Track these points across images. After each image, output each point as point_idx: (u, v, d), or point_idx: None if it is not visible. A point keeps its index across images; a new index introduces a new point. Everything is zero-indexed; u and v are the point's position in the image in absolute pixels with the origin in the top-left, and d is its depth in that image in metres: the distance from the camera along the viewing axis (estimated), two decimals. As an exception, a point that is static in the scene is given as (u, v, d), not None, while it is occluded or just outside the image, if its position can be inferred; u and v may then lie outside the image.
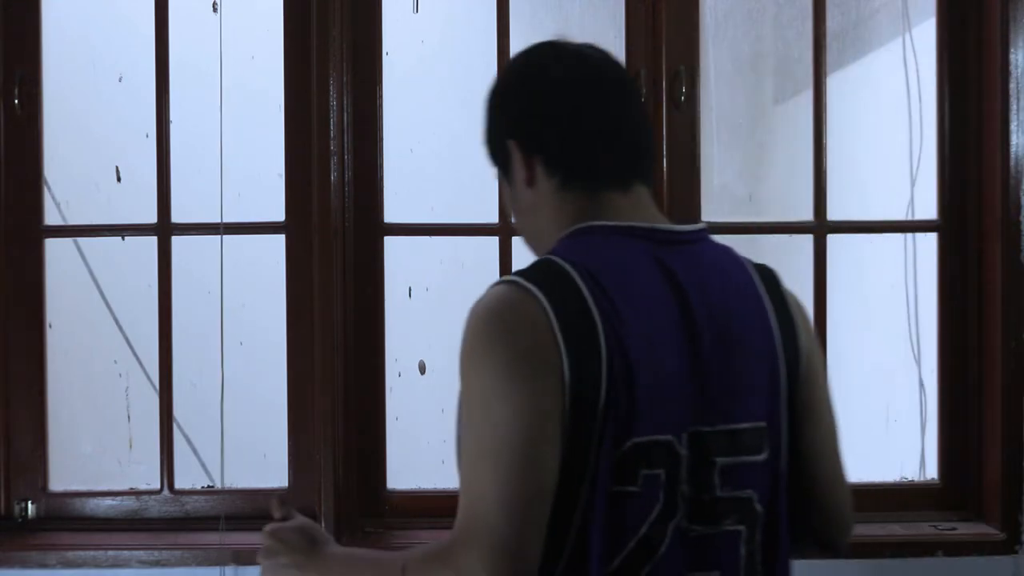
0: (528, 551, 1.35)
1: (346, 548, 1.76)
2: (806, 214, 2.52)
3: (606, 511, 1.40)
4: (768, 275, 1.59)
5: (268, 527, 1.66)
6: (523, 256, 2.55)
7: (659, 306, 1.46)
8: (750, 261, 1.60)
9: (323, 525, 2.37)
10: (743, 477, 1.48)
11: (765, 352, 1.52)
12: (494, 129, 1.61)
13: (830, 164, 2.51)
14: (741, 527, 1.49)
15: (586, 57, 1.59)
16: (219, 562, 2.35)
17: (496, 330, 1.41)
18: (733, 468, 1.48)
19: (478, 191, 2.60)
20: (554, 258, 1.47)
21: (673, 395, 1.44)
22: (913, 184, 2.75)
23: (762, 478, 1.50)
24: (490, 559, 1.32)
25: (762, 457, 1.49)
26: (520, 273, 1.46)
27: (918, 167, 2.72)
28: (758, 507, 1.50)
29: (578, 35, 1.65)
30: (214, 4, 2.49)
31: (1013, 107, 2.41)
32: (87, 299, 3.28)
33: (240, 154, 2.53)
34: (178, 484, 2.50)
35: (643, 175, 1.58)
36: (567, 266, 1.44)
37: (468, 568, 1.33)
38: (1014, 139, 2.41)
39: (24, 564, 2.37)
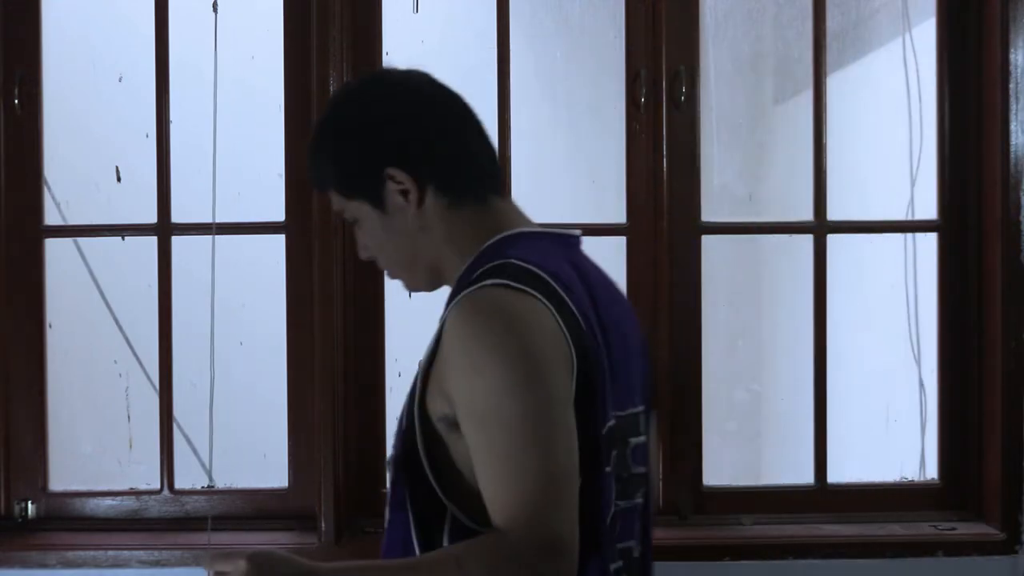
0: (576, 534, 1.40)
1: (354, 562, 1.68)
2: (806, 214, 2.53)
3: (606, 491, 1.50)
4: None
5: (246, 551, 1.47)
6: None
7: (586, 302, 1.54)
8: None
9: (323, 525, 2.37)
10: (641, 455, 1.63)
11: (639, 342, 1.67)
12: (363, 159, 1.59)
13: (830, 164, 2.51)
14: (641, 500, 1.63)
15: (432, 79, 1.66)
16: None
17: (518, 324, 1.44)
18: (637, 448, 1.60)
19: (478, 191, 2.59)
20: (517, 262, 1.50)
21: (605, 384, 1.53)
22: (913, 184, 2.75)
23: (646, 455, 1.65)
24: (558, 544, 1.36)
25: (644, 437, 1.65)
26: (499, 276, 1.48)
27: (918, 167, 2.72)
28: (645, 481, 1.66)
29: (578, 35, 1.67)
30: (214, 4, 2.49)
31: (1013, 107, 2.41)
32: (87, 299, 3.27)
33: (240, 154, 2.53)
34: (178, 484, 2.50)
35: (503, 183, 1.71)
36: (534, 268, 1.49)
37: (538, 556, 1.35)
38: (1014, 139, 2.41)
39: (24, 564, 2.37)
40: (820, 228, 2.51)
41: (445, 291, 1.66)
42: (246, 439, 2.54)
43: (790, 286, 3.51)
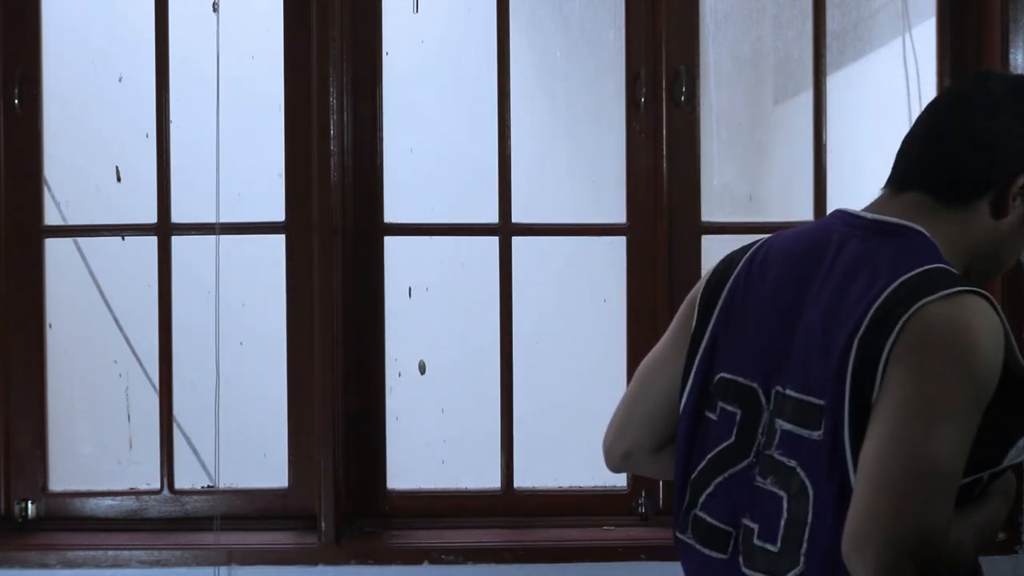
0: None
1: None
2: (806, 214, 2.52)
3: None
4: None
5: None
6: (524, 257, 2.56)
7: (745, 266, 1.66)
8: None
9: (323, 525, 2.37)
10: (787, 445, 1.49)
11: (780, 323, 1.61)
12: None
13: (830, 164, 2.51)
14: (778, 490, 1.50)
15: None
16: (215, 562, 2.35)
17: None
18: (784, 433, 1.50)
19: (478, 191, 2.60)
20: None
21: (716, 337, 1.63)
22: (913, 184, 2.75)
23: (794, 448, 1.49)
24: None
25: (794, 427, 1.49)
26: None
27: (918, 167, 2.71)
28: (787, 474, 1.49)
29: (578, 35, 1.66)
30: (214, 4, 2.49)
31: (1013, 107, 2.41)
32: (87, 299, 3.27)
33: (240, 154, 2.53)
34: (178, 484, 2.50)
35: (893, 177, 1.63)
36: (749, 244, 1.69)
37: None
38: (1014, 139, 2.41)
39: (24, 564, 2.37)
40: (820, 228, 2.50)
41: (439, 290, 1.65)
42: (246, 439, 2.54)
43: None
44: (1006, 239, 1.56)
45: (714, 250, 2.59)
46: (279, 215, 2.49)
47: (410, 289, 3.28)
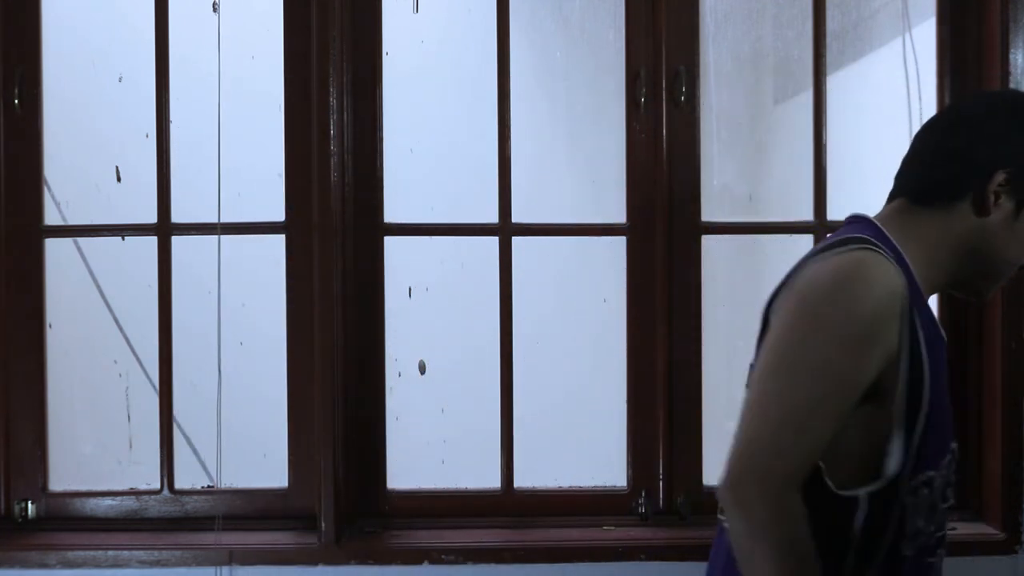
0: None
1: None
2: (806, 214, 2.52)
3: None
4: None
5: None
6: (524, 257, 2.56)
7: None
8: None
9: (323, 525, 2.37)
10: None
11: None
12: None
13: (830, 164, 2.51)
14: None
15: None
16: (215, 562, 2.35)
17: None
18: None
19: (478, 191, 2.60)
20: None
21: None
22: (913, 184, 2.74)
23: None
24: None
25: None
26: None
27: (918, 167, 2.71)
28: None
29: (578, 35, 1.66)
30: (214, 4, 2.49)
31: (1013, 107, 2.41)
32: (87, 299, 3.28)
33: (240, 154, 2.53)
34: (178, 484, 2.50)
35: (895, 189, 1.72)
36: None
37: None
38: (1014, 139, 2.41)
39: (24, 564, 2.37)
40: (820, 228, 2.51)
41: (439, 290, 1.65)
42: (246, 439, 2.55)
43: (790, 286, 3.49)
44: (998, 238, 1.63)
45: (714, 250, 2.59)
46: (279, 215, 2.49)
47: (410, 289, 3.29)
